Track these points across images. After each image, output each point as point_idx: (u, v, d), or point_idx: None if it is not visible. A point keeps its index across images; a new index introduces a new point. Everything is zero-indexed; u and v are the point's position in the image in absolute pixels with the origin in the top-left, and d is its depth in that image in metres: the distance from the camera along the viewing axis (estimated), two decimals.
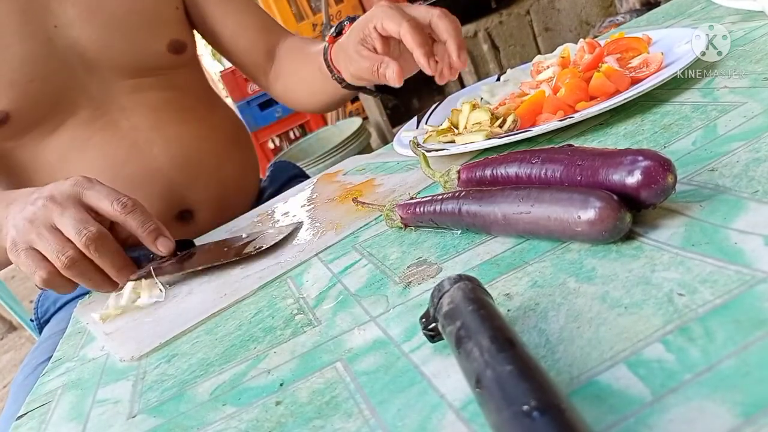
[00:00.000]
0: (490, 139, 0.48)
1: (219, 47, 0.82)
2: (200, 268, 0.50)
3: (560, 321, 0.25)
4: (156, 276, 0.50)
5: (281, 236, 0.50)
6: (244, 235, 0.56)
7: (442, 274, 0.34)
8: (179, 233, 0.68)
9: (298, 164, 1.00)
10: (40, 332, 0.74)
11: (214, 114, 0.79)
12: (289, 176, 0.91)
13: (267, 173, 0.92)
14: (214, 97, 0.82)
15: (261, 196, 0.85)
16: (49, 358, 0.49)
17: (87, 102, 0.68)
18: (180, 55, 0.74)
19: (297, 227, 0.52)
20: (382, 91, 0.73)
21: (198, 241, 0.61)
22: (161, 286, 0.48)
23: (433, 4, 2.04)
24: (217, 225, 0.70)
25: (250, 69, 0.84)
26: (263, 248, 0.49)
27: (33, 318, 0.75)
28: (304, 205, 0.60)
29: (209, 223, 0.72)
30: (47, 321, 0.73)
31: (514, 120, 0.50)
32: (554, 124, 0.45)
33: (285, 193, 0.71)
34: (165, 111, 0.73)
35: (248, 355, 0.34)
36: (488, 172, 0.38)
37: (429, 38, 0.55)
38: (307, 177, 0.93)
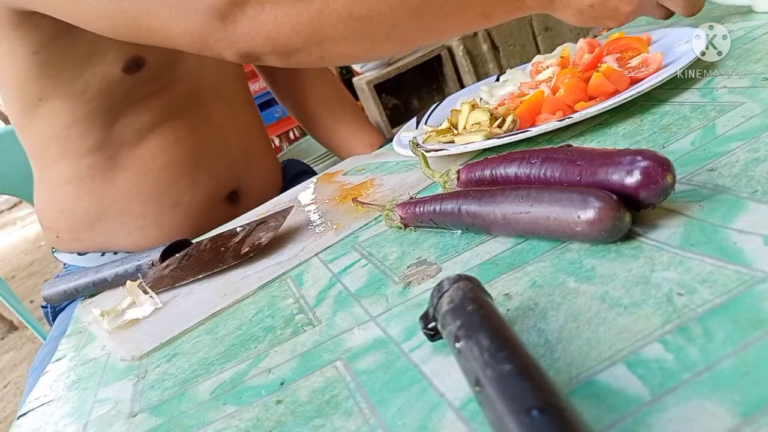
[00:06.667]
0: (489, 139, 0.48)
1: None
2: (200, 276, 0.50)
3: (559, 320, 0.25)
4: (153, 289, 0.50)
5: (275, 232, 0.50)
6: (238, 229, 0.56)
7: (441, 273, 0.34)
8: (224, 212, 0.76)
9: None
10: (53, 320, 0.76)
11: (257, 113, 0.89)
12: (297, 171, 0.95)
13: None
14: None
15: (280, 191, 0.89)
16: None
17: (190, 73, 0.73)
18: None
19: (285, 214, 0.53)
20: None
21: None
22: (157, 301, 0.48)
23: None
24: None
25: None
26: (261, 244, 0.49)
27: (45, 305, 0.76)
28: (304, 205, 0.60)
29: (248, 207, 0.78)
30: (62, 309, 0.74)
31: (514, 120, 0.50)
32: (553, 125, 0.45)
33: (286, 192, 0.71)
34: (238, 102, 0.82)
35: (249, 355, 0.34)
36: (488, 173, 0.38)
37: None
38: (314, 173, 0.96)
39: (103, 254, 0.75)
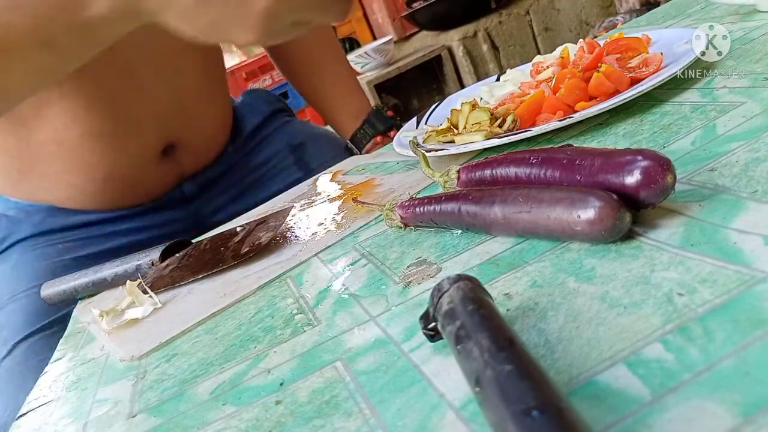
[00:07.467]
0: (489, 139, 0.48)
1: None
2: (200, 276, 0.50)
3: (559, 320, 0.25)
4: (153, 289, 0.50)
5: (275, 231, 0.50)
6: (238, 229, 0.56)
7: (441, 273, 0.34)
8: (162, 169, 0.72)
9: None
10: None
11: (208, 56, 0.78)
12: (272, 109, 0.89)
13: (239, 99, 0.89)
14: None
15: (237, 129, 0.84)
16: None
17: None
18: None
19: (285, 213, 0.53)
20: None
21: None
22: (157, 300, 0.48)
23: (432, 5, 2.03)
24: (195, 163, 0.75)
25: None
26: (261, 244, 0.49)
27: None
28: (303, 206, 0.60)
29: (189, 160, 0.75)
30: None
31: (514, 120, 0.50)
32: (554, 124, 0.45)
33: (286, 192, 0.71)
34: (165, 41, 0.68)
35: (248, 355, 0.34)
36: (488, 172, 0.38)
37: None
38: (291, 113, 0.92)
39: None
